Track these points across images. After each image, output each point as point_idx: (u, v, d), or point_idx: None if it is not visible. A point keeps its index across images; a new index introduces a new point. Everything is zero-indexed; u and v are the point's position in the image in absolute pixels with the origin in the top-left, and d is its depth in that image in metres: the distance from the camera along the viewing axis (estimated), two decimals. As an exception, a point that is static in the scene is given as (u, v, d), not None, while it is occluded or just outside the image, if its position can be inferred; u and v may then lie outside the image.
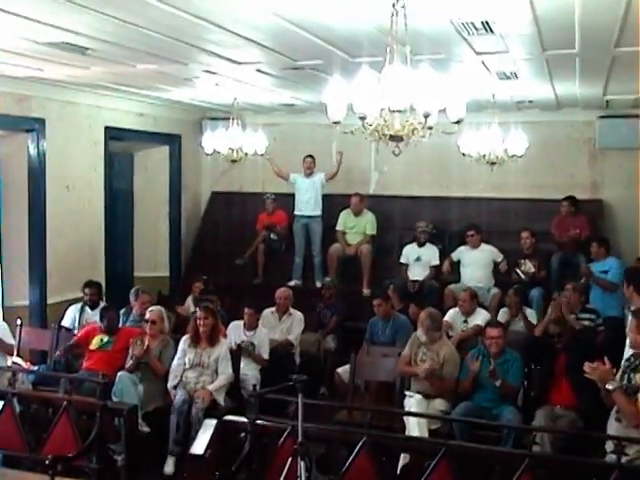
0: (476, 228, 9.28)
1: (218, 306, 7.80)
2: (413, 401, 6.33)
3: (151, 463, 6.22)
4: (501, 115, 8.67)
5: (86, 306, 8.00)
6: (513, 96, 8.64)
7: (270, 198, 10.50)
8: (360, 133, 3.94)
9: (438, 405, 6.38)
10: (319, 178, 10.16)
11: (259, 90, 8.46)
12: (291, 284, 9.60)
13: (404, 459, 5.33)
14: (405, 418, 6.05)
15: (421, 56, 4.29)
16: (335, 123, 3.99)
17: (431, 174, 10.81)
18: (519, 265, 8.88)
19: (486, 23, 4.95)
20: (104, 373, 5.88)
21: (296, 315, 8.21)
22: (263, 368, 7.33)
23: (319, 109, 5.99)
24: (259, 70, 7.03)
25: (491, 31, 5.15)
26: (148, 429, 6.34)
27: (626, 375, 4.99)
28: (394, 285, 8.41)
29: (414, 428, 5.90)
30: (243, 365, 7.04)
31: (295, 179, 10.27)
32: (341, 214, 10.13)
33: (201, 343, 6.72)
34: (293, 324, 8.15)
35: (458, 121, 4.02)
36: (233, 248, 10.54)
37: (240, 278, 10.18)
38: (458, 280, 9.10)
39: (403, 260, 9.59)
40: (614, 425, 4.98)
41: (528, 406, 6.35)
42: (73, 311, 8.06)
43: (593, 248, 8.54)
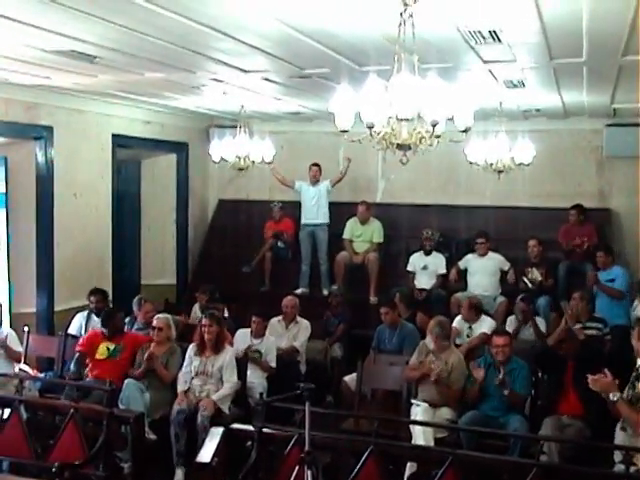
0: (486, 236, 9.25)
1: (224, 314, 7.78)
2: (419, 410, 6.31)
3: (157, 471, 6.20)
4: (508, 123, 8.68)
5: (92, 314, 8.00)
6: (520, 104, 8.65)
7: (277, 206, 10.51)
8: (367, 142, 3.94)
9: (444, 414, 6.36)
10: (324, 185, 10.15)
11: (266, 98, 8.47)
12: (298, 292, 9.58)
13: (411, 468, 5.32)
14: (411, 427, 6.03)
15: (429, 65, 4.29)
16: (343, 132, 3.99)
17: (438, 182, 10.80)
18: (526, 273, 8.84)
19: (493, 32, 4.97)
20: (111, 381, 5.89)
21: (302, 323, 8.17)
22: (270, 376, 7.31)
23: (326, 117, 5.98)
24: (266, 78, 7.04)
25: (498, 40, 5.17)
26: (155, 437, 6.31)
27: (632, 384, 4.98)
28: (400, 293, 8.38)
29: (420, 437, 5.88)
30: (250, 373, 7.02)
31: (300, 187, 10.27)
32: (348, 222, 10.11)
33: (206, 351, 6.71)
34: (299, 332, 8.12)
35: (466, 130, 4.02)
36: (240, 256, 10.53)
37: (247, 286, 10.17)
38: (465, 288, 9.08)
39: (410, 268, 9.57)
40: (620, 434, 4.98)
41: (535, 415, 6.31)
42: (80, 318, 8.07)
43: (600, 257, 8.49)
